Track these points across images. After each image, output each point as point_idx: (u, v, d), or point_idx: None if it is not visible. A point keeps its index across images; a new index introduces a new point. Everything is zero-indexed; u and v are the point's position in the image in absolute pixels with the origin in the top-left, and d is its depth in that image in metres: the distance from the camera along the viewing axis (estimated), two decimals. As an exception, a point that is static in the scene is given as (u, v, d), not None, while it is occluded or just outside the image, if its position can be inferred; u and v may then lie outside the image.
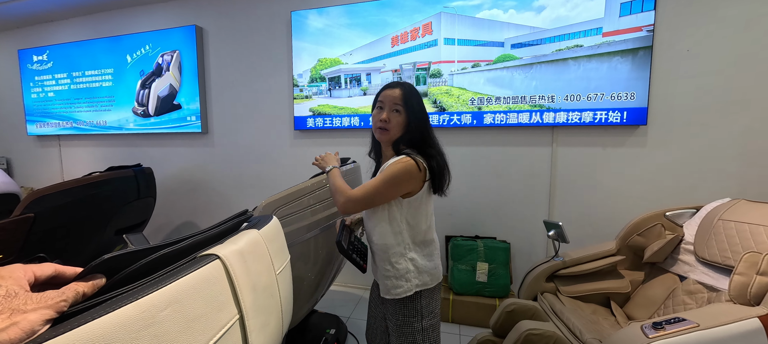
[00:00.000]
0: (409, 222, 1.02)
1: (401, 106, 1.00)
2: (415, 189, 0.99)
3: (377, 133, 1.04)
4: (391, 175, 0.96)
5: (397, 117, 1.01)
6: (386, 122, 1.01)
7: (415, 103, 1.02)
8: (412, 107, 1.01)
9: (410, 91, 1.03)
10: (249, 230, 0.56)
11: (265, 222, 0.62)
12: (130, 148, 2.96)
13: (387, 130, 1.01)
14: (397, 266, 1.02)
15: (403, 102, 1.00)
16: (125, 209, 2.07)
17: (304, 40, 2.34)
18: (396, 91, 1.01)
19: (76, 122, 3.08)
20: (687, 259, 1.42)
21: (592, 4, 1.86)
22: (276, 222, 0.66)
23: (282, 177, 2.55)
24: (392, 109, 1.01)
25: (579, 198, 2.06)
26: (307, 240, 1.31)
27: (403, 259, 1.02)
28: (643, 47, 1.82)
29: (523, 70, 1.99)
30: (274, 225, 0.64)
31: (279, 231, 0.67)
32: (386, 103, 1.02)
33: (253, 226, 0.58)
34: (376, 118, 1.03)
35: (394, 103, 1.01)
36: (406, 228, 1.02)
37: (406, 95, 1.01)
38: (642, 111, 1.86)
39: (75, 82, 3.05)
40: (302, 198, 1.28)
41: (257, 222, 0.62)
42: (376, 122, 1.03)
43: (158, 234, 2.93)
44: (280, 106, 2.50)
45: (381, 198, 0.98)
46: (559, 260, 1.59)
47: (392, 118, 1.01)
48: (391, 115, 1.01)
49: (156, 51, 2.74)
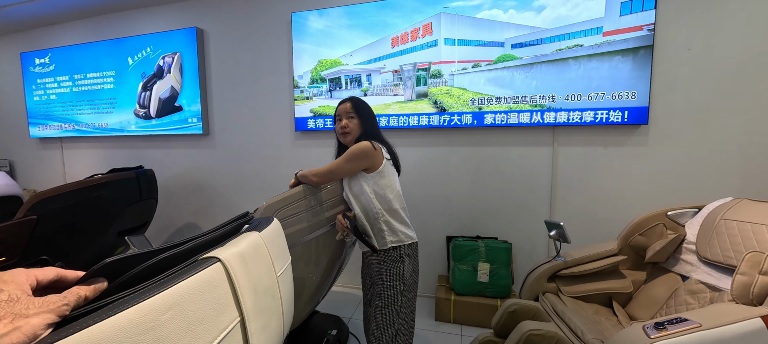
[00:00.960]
0: (377, 192, 1.25)
1: (353, 113, 1.31)
2: (375, 165, 1.24)
3: (342, 138, 1.34)
4: (350, 153, 1.23)
5: (352, 122, 1.31)
6: (345, 127, 1.30)
7: (364, 108, 1.32)
8: (362, 112, 1.32)
9: (358, 101, 1.34)
10: (250, 232, 0.56)
11: (266, 224, 0.62)
12: (131, 150, 2.97)
13: (348, 133, 1.31)
14: (374, 226, 1.26)
15: (354, 110, 1.31)
16: (127, 211, 2.08)
17: (305, 42, 2.34)
18: (347, 104, 1.33)
19: (78, 124, 3.10)
20: (689, 259, 1.41)
21: (592, 4, 1.86)
22: (277, 224, 0.67)
23: (283, 178, 2.56)
24: (348, 117, 1.31)
25: (580, 198, 2.06)
26: (309, 242, 1.32)
27: (378, 222, 1.25)
28: (644, 46, 1.82)
29: (524, 70, 1.99)
30: (274, 227, 0.64)
31: (280, 233, 0.67)
32: (342, 115, 1.32)
33: (254, 228, 0.58)
34: (337, 127, 1.34)
35: (347, 113, 1.31)
36: (375, 198, 1.25)
37: (355, 104, 1.32)
38: (643, 110, 1.86)
39: (77, 84, 3.07)
40: (303, 199, 1.28)
41: (258, 224, 0.62)
42: (339, 130, 1.33)
43: (160, 236, 2.94)
44: (280, 107, 2.50)
45: (342, 171, 1.26)
46: (561, 260, 1.58)
47: (349, 124, 1.30)
48: (348, 122, 1.30)
49: (157, 53, 2.75)
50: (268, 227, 0.62)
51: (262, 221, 0.65)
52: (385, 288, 1.26)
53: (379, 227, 1.25)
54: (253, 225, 0.62)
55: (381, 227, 1.25)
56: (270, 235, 0.59)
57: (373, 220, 1.26)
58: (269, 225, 0.62)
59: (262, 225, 0.62)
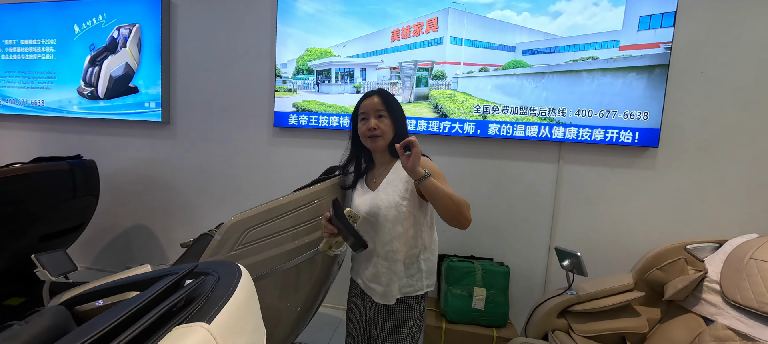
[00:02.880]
0: (429, 224, 1.05)
1: (384, 111, 1.02)
2: None
3: (369, 143, 1.03)
4: (440, 172, 0.98)
5: (383, 122, 1.02)
6: (375, 129, 1.01)
7: (396, 105, 1.05)
8: (394, 109, 1.04)
9: (389, 95, 1.05)
10: (192, 328, 0.29)
11: (225, 289, 0.36)
12: (72, 135, 2.50)
13: (379, 136, 1.02)
14: (412, 267, 1.03)
15: (385, 106, 1.03)
16: (56, 210, 1.67)
17: (292, 26, 2.04)
18: (375, 99, 1.03)
19: (5, 99, 2.58)
20: (712, 300, 1.29)
21: (610, 15, 1.73)
22: (245, 286, 0.39)
23: (256, 181, 2.23)
24: (377, 116, 1.02)
25: (583, 220, 1.93)
26: (288, 271, 1.04)
27: (419, 260, 1.03)
28: (660, 65, 1.71)
29: (534, 79, 1.83)
30: (241, 295, 0.36)
31: (249, 299, 0.39)
32: (369, 112, 1.03)
33: (201, 315, 0.31)
34: (363, 129, 1.03)
35: (376, 110, 1.02)
36: (426, 230, 1.04)
37: (386, 99, 1.03)
38: (654, 132, 1.75)
39: (7, 51, 2.55)
40: (283, 216, 1.01)
41: (209, 295, 0.34)
42: (365, 132, 1.03)
43: (101, 238, 2.49)
44: (258, 99, 2.18)
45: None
46: (573, 294, 1.41)
47: (380, 125, 1.02)
48: (377, 122, 1.02)
49: (111, 22, 2.33)
50: (228, 306, 0.34)
51: (221, 279, 0.38)
52: (408, 336, 1.06)
53: (418, 267, 1.03)
54: (203, 293, 0.35)
55: (420, 266, 1.03)
56: (228, 321, 0.32)
57: (412, 257, 1.03)
58: (229, 295, 0.35)
59: (218, 294, 0.35)
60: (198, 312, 0.31)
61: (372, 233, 1.01)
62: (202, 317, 0.30)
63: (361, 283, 1.08)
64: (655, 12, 1.69)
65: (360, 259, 1.08)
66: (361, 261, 1.07)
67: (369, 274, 1.03)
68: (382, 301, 1.02)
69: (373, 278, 1.02)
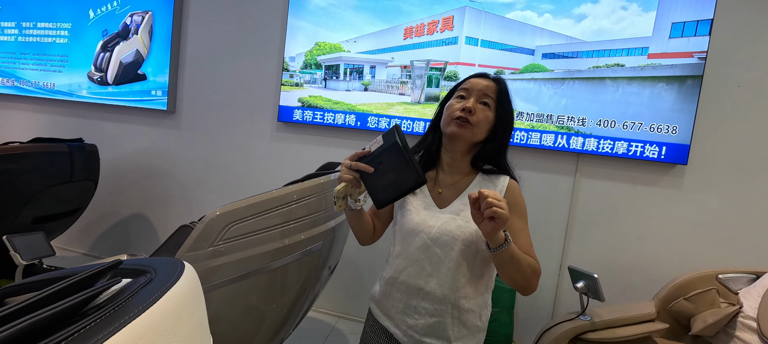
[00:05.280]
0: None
1: (493, 100, 0.76)
2: None
3: (454, 126, 0.74)
4: (526, 212, 0.78)
5: (485, 111, 0.75)
6: (473, 112, 0.73)
7: (509, 105, 0.79)
8: (505, 106, 0.77)
9: (506, 87, 0.79)
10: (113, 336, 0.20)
11: (154, 294, 0.27)
12: (79, 119, 2.50)
13: (469, 123, 0.73)
14: (483, 316, 0.79)
15: (496, 96, 0.76)
16: (51, 193, 1.64)
17: (302, 19, 1.99)
18: (488, 82, 0.77)
19: (19, 81, 2.60)
20: (748, 338, 1.14)
21: (640, 20, 1.62)
22: (177, 299, 0.29)
23: (256, 176, 2.17)
24: (480, 100, 0.75)
25: (600, 239, 1.79)
26: (274, 271, 0.95)
27: (487, 308, 0.81)
28: (693, 76, 1.58)
29: (554, 85, 1.71)
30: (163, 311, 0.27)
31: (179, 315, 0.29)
32: (473, 92, 0.76)
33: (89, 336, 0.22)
34: (454, 106, 0.76)
35: (483, 94, 0.76)
36: (492, 271, 0.80)
37: (502, 89, 0.78)
38: (683, 148, 1.61)
39: (24, 33, 2.58)
40: (271, 211, 0.93)
41: (119, 305, 0.26)
42: (454, 112, 0.75)
43: (100, 224, 2.47)
44: (264, 92, 2.13)
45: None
46: (587, 320, 1.29)
47: (479, 110, 0.74)
48: (480, 108, 0.75)
49: (125, 9, 2.33)
50: (163, 301, 0.26)
51: (154, 281, 0.30)
52: None
53: (486, 316, 0.81)
54: (121, 299, 0.27)
55: (487, 315, 0.81)
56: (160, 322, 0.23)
57: (483, 306, 0.79)
58: (162, 296, 0.27)
59: (148, 294, 0.27)
60: (85, 332, 0.22)
61: (429, 268, 0.75)
62: (86, 340, 0.21)
63: (398, 334, 0.78)
64: (689, 19, 1.56)
65: (397, 299, 0.78)
66: (401, 303, 0.78)
67: (422, 326, 0.75)
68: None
69: (427, 331, 0.75)
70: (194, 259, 0.89)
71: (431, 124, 0.84)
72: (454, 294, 0.74)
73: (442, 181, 0.80)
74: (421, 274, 0.75)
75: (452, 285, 0.74)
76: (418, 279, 0.75)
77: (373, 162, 0.67)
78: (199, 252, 0.86)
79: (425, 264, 0.75)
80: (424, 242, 0.75)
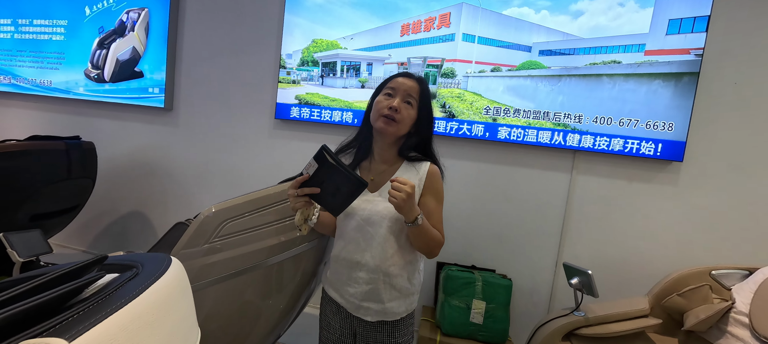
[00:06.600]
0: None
1: (415, 100, 0.90)
2: None
3: (381, 123, 0.88)
4: (440, 189, 0.92)
5: (408, 110, 0.89)
6: (397, 111, 0.86)
7: (429, 102, 0.95)
8: (426, 104, 0.93)
9: (427, 87, 0.94)
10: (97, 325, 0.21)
11: (139, 287, 0.28)
12: (77, 117, 2.50)
13: (395, 121, 0.87)
14: (413, 280, 0.94)
15: (420, 96, 0.91)
16: (48, 190, 1.64)
17: (299, 15, 1.99)
18: (412, 82, 0.90)
19: (15, 78, 2.59)
20: (739, 334, 1.16)
21: (637, 17, 1.61)
22: (162, 293, 0.30)
23: (254, 173, 2.17)
24: (405, 100, 0.89)
25: (595, 236, 1.80)
26: (270, 267, 0.96)
27: (417, 273, 0.97)
28: (689, 73, 1.58)
29: (550, 82, 1.71)
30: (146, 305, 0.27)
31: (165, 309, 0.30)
32: (398, 91, 0.89)
33: (68, 328, 0.23)
34: (382, 104, 0.88)
35: (407, 94, 0.89)
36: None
37: (424, 89, 0.92)
38: (679, 145, 1.62)
39: (20, 30, 2.57)
40: (267, 208, 0.93)
41: (101, 298, 0.26)
42: (382, 109, 0.88)
43: (99, 222, 2.48)
44: (261, 89, 2.13)
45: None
46: (581, 316, 1.30)
47: (403, 109, 0.88)
48: (403, 106, 0.88)
49: (121, 6, 2.31)
50: (135, 300, 0.26)
51: (143, 272, 0.30)
52: None
53: (418, 280, 0.96)
54: (104, 293, 0.27)
55: (419, 279, 0.97)
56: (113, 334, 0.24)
57: (414, 270, 0.95)
58: (139, 293, 0.27)
59: (134, 286, 0.27)
60: (67, 323, 0.23)
61: (363, 244, 0.88)
62: (67, 330, 0.22)
63: (343, 302, 0.94)
64: (686, 15, 1.56)
65: (340, 272, 0.93)
66: (343, 275, 0.92)
67: (360, 293, 0.90)
68: (377, 318, 0.91)
69: (365, 297, 0.90)
70: (190, 256, 0.89)
71: (364, 118, 0.97)
72: (385, 264, 0.87)
73: (374, 169, 0.94)
74: (357, 250, 0.89)
75: (382, 256, 0.87)
76: (355, 254, 0.89)
77: (315, 183, 0.75)
78: (194, 249, 0.87)
79: (360, 241, 0.88)
80: (358, 223, 0.88)
